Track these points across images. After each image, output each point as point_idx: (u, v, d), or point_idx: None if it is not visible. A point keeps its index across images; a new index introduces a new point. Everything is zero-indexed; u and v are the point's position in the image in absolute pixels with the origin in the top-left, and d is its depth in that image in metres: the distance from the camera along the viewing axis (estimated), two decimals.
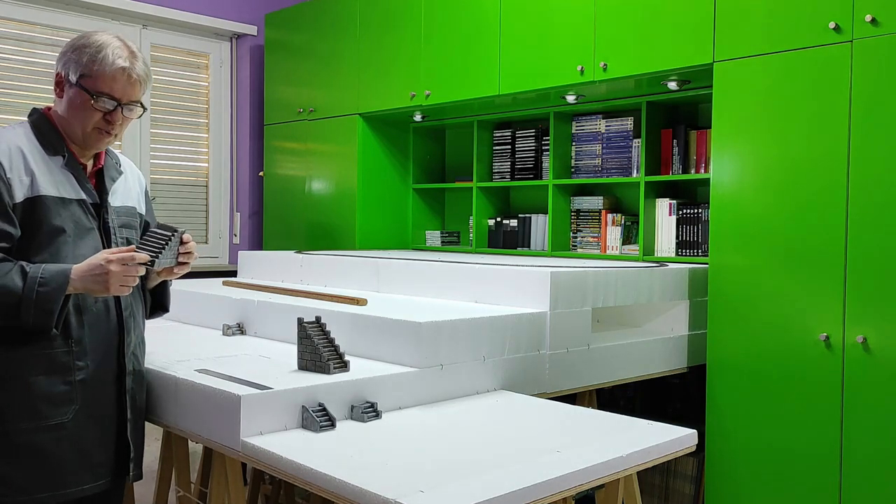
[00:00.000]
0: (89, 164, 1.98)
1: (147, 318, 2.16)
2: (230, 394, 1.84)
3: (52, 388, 1.82)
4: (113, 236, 1.97)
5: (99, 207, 1.95)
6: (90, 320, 1.89)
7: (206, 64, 5.39)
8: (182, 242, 1.99)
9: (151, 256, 1.88)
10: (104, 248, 1.91)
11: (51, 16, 4.68)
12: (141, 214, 2.14)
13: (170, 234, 1.94)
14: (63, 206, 1.86)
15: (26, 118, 1.97)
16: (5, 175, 1.80)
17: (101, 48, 1.89)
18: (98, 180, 1.99)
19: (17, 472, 1.78)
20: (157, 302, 2.18)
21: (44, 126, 1.92)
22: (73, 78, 1.88)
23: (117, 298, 1.94)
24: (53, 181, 1.87)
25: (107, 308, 1.92)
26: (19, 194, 1.81)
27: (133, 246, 1.90)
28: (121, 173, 2.07)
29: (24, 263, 1.78)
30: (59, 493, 1.83)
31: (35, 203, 1.82)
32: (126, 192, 2.08)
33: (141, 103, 1.97)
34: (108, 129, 1.91)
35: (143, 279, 2.07)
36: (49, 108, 1.97)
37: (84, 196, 1.91)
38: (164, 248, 1.91)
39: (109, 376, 1.92)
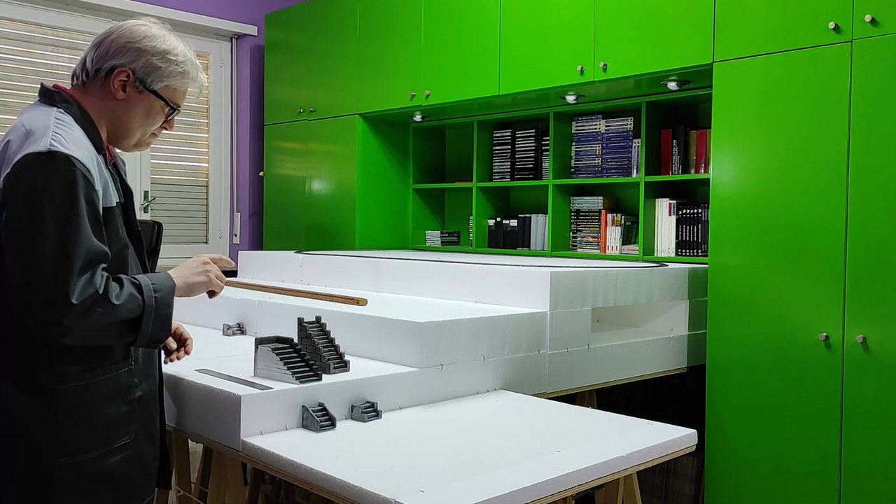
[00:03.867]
0: None
1: None
2: (230, 394, 1.84)
3: (117, 410, 1.70)
4: (140, 239, 1.80)
5: (126, 208, 1.75)
6: None
7: (207, 64, 5.39)
8: None
9: (314, 371, 2.02)
10: (135, 254, 1.76)
11: (51, 16, 4.68)
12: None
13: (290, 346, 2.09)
14: (118, 215, 1.68)
15: (55, 105, 1.67)
16: (95, 185, 1.56)
17: (184, 59, 1.76)
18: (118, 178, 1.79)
19: (90, 500, 1.67)
20: None
21: (86, 121, 1.68)
22: (154, 85, 1.71)
23: None
24: (109, 187, 1.67)
25: None
26: (100, 206, 1.61)
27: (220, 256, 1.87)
28: (123, 164, 1.88)
29: (125, 276, 1.62)
30: None
31: (108, 215, 1.63)
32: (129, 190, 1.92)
33: None
34: (160, 133, 1.81)
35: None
36: (70, 93, 1.72)
37: (118, 199, 1.71)
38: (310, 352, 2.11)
39: (156, 390, 1.84)
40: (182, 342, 2.03)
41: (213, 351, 2.43)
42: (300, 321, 2.16)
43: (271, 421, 1.86)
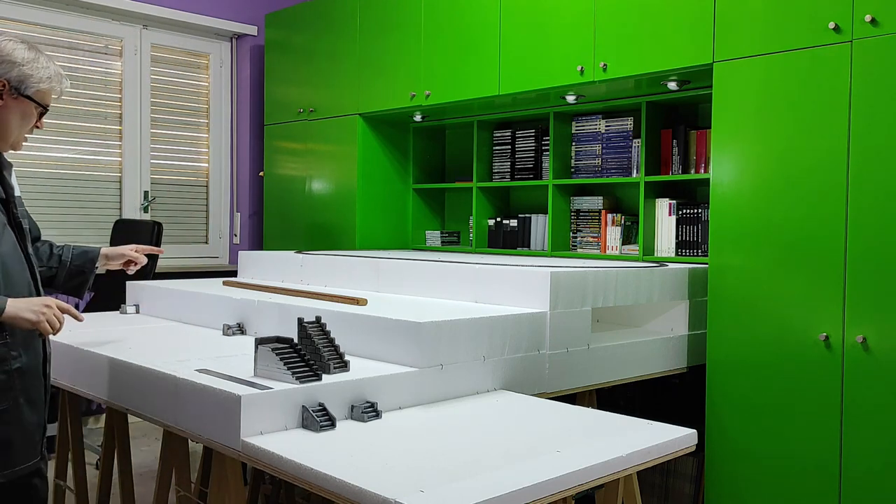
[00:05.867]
0: None
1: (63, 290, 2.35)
2: (230, 394, 1.84)
3: None
4: (24, 230, 2.06)
5: (6, 203, 2.03)
6: None
7: (206, 64, 5.39)
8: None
9: (314, 372, 1.98)
10: (18, 242, 2.01)
11: (51, 16, 4.68)
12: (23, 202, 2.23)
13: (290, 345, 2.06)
14: None
15: None
16: None
17: (47, 64, 2.02)
18: None
19: None
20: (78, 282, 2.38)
21: None
22: (26, 90, 1.98)
23: (38, 287, 2.06)
24: None
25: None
26: None
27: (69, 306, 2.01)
28: (11, 165, 2.13)
29: None
30: (9, 471, 1.97)
31: None
32: (14, 185, 2.15)
33: None
34: (31, 132, 2.06)
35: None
36: None
37: None
38: (308, 352, 2.08)
39: (38, 363, 2.04)
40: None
41: (213, 351, 2.43)
42: (300, 321, 2.16)
43: (271, 421, 1.86)
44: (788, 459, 2.77)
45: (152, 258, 4.41)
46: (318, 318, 2.20)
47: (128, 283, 3.39)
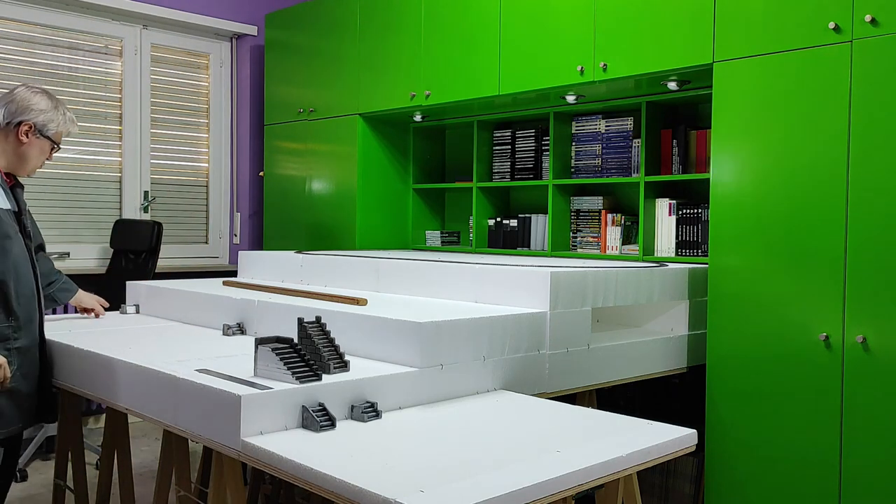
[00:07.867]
0: None
1: None
2: (230, 394, 1.84)
3: None
4: (31, 238, 2.54)
5: (19, 215, 2.51)
6: (23, 302, 2.45)
7: (206, 64, 5.39)
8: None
9: (314, 372, 1.99)
10: (26, 246, 2.48)
11: (51, 16, 4.68)
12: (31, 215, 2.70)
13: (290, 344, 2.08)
14: (4, 215, 2.42)
15: None
16: None
17: (64, 111, 2.58)
18: (14, 194, 2.54)
19: None
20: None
21: None
22: (49, 133, 2.54)
23: (38, 284, 2.52)
24: None
25: (32, 293, 2.49)
26: None
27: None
28: (23, 187, 2.59)
29: None
30: (3, 430, 2.41)
31: None
32: (24, 202, 2.61)
33: None
34: (43, 164, 2.63)
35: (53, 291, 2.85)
36: None
37: (10, 206, 2.47)
38: (308, 353, 2.09)
39: (35, 344, 2.49)
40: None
41: (213, 351, 2.43)
42: (300, 321, 2.16)
43: (271, 421, 1.86)
44: (789, 460, 2.77)
45: (151, 258, 4.41)
46: (318, 318, 2.20)
47: (128, 283, 3.39)
